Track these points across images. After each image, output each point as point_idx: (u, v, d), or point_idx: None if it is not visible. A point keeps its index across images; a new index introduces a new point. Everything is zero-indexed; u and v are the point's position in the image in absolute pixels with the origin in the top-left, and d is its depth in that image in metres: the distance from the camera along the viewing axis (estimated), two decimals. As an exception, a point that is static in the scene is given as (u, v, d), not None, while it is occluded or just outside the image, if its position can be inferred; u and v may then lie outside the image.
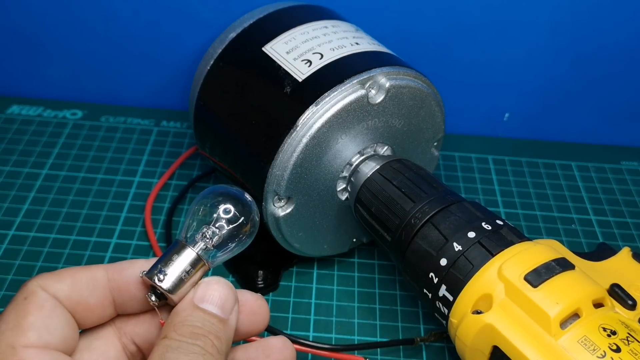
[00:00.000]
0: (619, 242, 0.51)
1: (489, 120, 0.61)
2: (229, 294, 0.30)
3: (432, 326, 0.44)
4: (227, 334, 0.29)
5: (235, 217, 0.31)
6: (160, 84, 0.61)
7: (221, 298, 0.30)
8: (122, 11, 0.57)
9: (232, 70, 0.45)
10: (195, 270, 0.30)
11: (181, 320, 0.29)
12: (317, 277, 0.47)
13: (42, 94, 0.62)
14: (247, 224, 0.32)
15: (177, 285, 0.30)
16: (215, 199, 0.31)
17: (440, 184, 0.40)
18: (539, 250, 0.35)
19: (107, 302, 0.31)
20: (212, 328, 0.29)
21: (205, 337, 0.28)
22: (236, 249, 0.32)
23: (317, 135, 0.40)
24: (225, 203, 0.31)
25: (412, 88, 0.42)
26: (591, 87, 0.59)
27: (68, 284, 0.30)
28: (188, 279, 0.30)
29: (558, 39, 0.56)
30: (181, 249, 0.30)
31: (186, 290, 0.30)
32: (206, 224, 0.31)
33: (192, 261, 0.30)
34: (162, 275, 0.30)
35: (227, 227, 0.31)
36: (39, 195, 0.52)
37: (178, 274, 0.30)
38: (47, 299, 0.29)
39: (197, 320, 0.29)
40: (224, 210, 0.31)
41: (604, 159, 0.59)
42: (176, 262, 0.30)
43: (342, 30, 0.45)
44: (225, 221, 0.31)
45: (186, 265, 0.30)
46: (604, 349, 0.31)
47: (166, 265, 0.30)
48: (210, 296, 0.30)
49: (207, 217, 0.31)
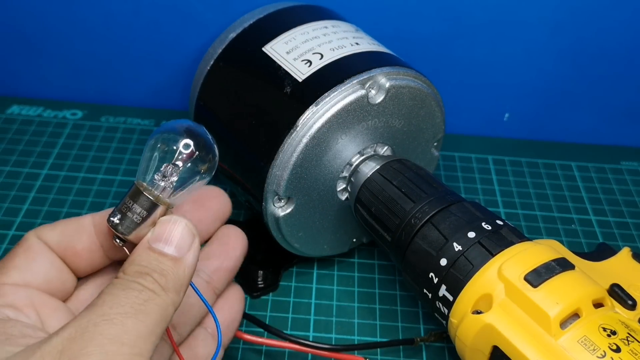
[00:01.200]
0: (619, 242, 0.51)
1: (489, 120, 0.61)
2: (184, 232, 0.30)
3: (432, 326, 0.44)
4: (179, 272, 0.29)
5: (193, 153, 0.30)
6: (160, 84, 0.61)
7: (174, 236, 0.30)
8: (122, 11, 0.57)
9: (232, 70, 0.45)
10: (152, 213, 0.30)
11: (130, 260, 0.29)
12: (317, 277, 0.47)
13: (42, 94, 0.62)
14: (205, 161, 0.31)
15: (132, 229, 0.30)
16: (173, 134, 0.30)
17: (440, 184, 0.40)
18: (539, 250, 0.35)
19: (94, 247, 0.32)
20: (156, 266, 0.29)
21: (147, 275, 0.28)
22: (196, 185, 0.31)
23: (317, 135, 0.40)
24: (183, 138, 0.30)
25: (412, 88, 0.42)
26: (591, 87, 0.59)
27: (58, 231, 0.32)
28: (144, 221, 0.30)
29: (558, 39, 0.56)
30: (137, 190, 0.30)
31: (144, 231, 0.30)
32: (163, 162, 0.30)
33: (148, 205, 0.30)
34: (116, 219, 0.30)
35: (183, 165, 0.30)
36: (39, 196, 0.52)
37: (133, 218, 0.30)
38: (37, 244, 0.31)
39: (143, 260, 0.29)
40: (183, 145, 0.30)
41: (604, 159, 0.59)
42: (132, 206, 0.30)
43: (342, 30, 0.45)
44: (182, 158, 0.30)
45: (140, 210, 0.30)
46: (604, 349, 0.31)
47: (122, 209, 0.30)
48: (162, 235, 0.30)
49: (164, 154, 0.30)
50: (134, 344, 0.26)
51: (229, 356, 0.41)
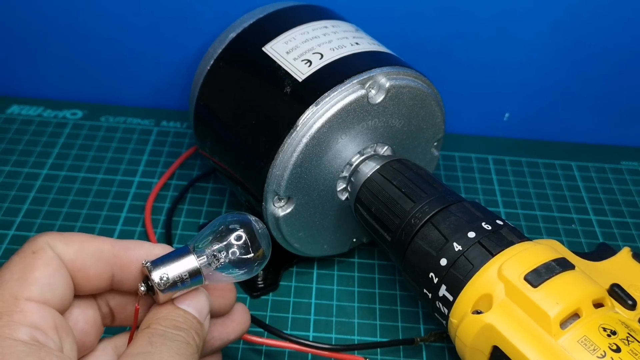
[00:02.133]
0: (619, 242, 0.51)
1: (489, 120, 0.61)
2: (205, 303, 0.32)
3: (432, 326, 0.44)
4: (204, 334, 0.31)
5: (247, 250, 0.32)
6: (160, 84, 0.61)
7: (199, 303, 0.31)
8: (122, 11, 0.57)
9: (232, 70, 0.45)
10: (191, 280, 0.31)
11: (164, 315, 0.30)
12: (317, 277, 0.47)
13: (42, 94, 0.62)
14: (255, 262, 0.32)
15: (169, 288, 0.30)
16: (235, 224, 0.32)
17: (440, 184, 0.40)
18: (539, 250, 0.35)
19: (105, 276, 0.31)
20: (192, 325, 0.31)
21: (187, 330, 0.30)
22: (238, 276, 0.32)
23: (317, 135, 0.40)
24: (244, 233, 0.32)
25: (412, 88, 0.42)
26: (591, 87, 0.59)
27: (75, 249, 0.31)
28: (181, 285, 0.31)
29: (558, 39, 0.56)
30: (187, 255, 0.31)
31: (174, 294, 0.31)
32: (219, 243, 0.31)
33: (192, 271, 0.31)
34: (161, 273, 0.30)
35: (235, 254, 0.32)
36: (39, 195, 0.52)
37: (175, 277, 0.30)
38: (54, 258, 0.30)
39: (179, 317, 0.31)
40: (236, 236, 0.32)
41: (604, 159, 0.59)
42: (178, 265, 0.31)
43: (342, 30, 0.45)
44: (235, 247, 0.32)
45: (185, 273, 0.31)
46: (604, 349, 0.31)
47: (168, 264, 0.31)
48: (190, 300, 0.31)
49: (222, 237, 0.32)
50: None
51: (229, 356, 0.41)
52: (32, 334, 0.27)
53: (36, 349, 0.27)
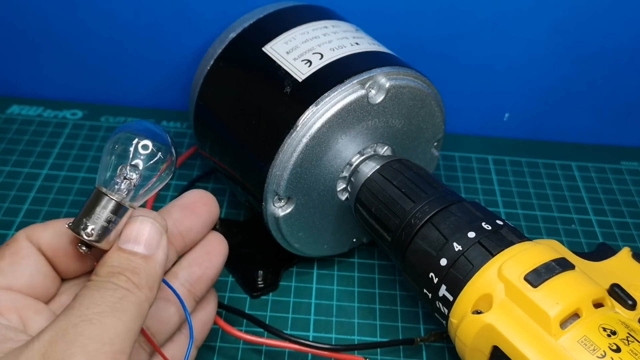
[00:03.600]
0: (619, 242, 0.51)
1: (489, 120, 0.61)
2: (151, 230, 0.30)
3: (432, 326, 0.44)
4: (150, 269, 0.30)
5: (153, 152, 0.30)
6: (160, 84, 0.61)
7: (142, 234, 0.30)
8: (123, 11, 0.57)
9: (232, 70, 0.45)
10: (118, 215, 0.30)
11: (102, 262, 0.30)
12: (317, 277, 0.47)
13: (42, 94, 0.62)
14: (165, 159, 0.31)
15: (102, 235, 0.30)
16: (130, 136, 0.30)
17: (440, 184, 0.40)
18: (539, 250, 0.35)
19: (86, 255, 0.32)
20: (128, 265, 0.29)
21: (119, 274, 0.29)
22: (158, 184, 0.31)
23: (317, 135, 0.40)
24: (140, 139, 0.30)
25: (412, 88, 0.42)
26: (591, 87, 0.59)
27: (50, 232, 0.32)
28: (112, 225, 0.30)
29: (558, 39, 0.56)
30: (100, 195, 0.30)
31: (114, 235, 0.30)
32: (123, 164, 0.30)
33: (113, 208, 0.30)
34: (84, 226, 0.29)
35: (145, 165, 0.30)
36: (39, 196, 0.52)
37: (101, 223, 0.29)
38: (25, 247, 0.31)
39: (114, 260, 0.29)
40: (142, 146, 0.30)
41: (604, 159, 0.59)
42: (97, 210, 0.29)
43: (342, 30, 0.45)
44: (141, 158, 0.30)
45: (107, 213, 0.30)
46: (604, 349, 0.31)
47: (88, 215, 0.29)
48: (130, 235, 0.30)
49: (123, 157, 0.30)
50: (114, 342, 0.26)
51: (229, 356, 0.41)
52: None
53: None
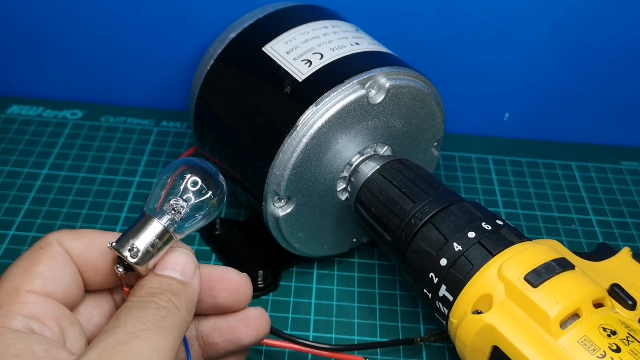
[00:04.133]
0: (619, 242, 0.51)
1: (489, 120, 0.61)
2: (187, 260, 0.31)
3: (432, 326, 0.44)
4: (188, 294, 0.30)
5: (202, 189, 0.31)
6: (160, 84, 0.61)
7: (179, 264, 0.31)
8: (122, 11, 0.57)
9: (232, 70, 0.45)
10: (162, 243, 0.30)
11: (140, 285, 0.30)
12: (317, 277, 0.47)
13: (42, 94, 0.62)
14: (214, 197, 0.32)
15: (144, 258, 0.30)
16: (183, 171, 0.31)
17: (440, 184, 0.40)
18: (539, 250, 0.35)
19: (114, 269, 0.31)
20: (168, 287, 0.30)
21: (161, 294, 0.29)
22: (203, 221, 0.32)
23: (317, 135, 0.40)
24: (193, 175, 0.31)
25: (412, 88, 0.42)
26: (591, 87, 0.59)
27: (83, 243, 0.31)
28: (155, 251, 0.30)
29: (558, 39, 0.56)
30: (148, 221, 0.30)
31: (153, 262, 0.30)
32: (174, 196, 0.31)
33: (159, 234, 0.30)
34: (130, 247, 0.30)
35: (194, 199, 0.31)
36: (39, 196, 0.52)
37: (145, 246, 0.30)
38: (60, 253, 0.30)
39: (154, 283, 0.30)
40: (191, 182, 0.31)
41: (604, 159, 0.59)
42: (143, 234, 0.30)
43: (342, 30, 0.45)
44: (192, 193, 0.31)
45: (153, 238, 0.30)
46: (604, 349, 0.31)
47: (134, 237, 0.30)
48: (168, 263, 0.30)
49: (175, 189, 0.31)
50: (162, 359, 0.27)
51: (229, 356, 0.41)
52: (27, 323, 0.28)
53: (27, 336, 0.27)
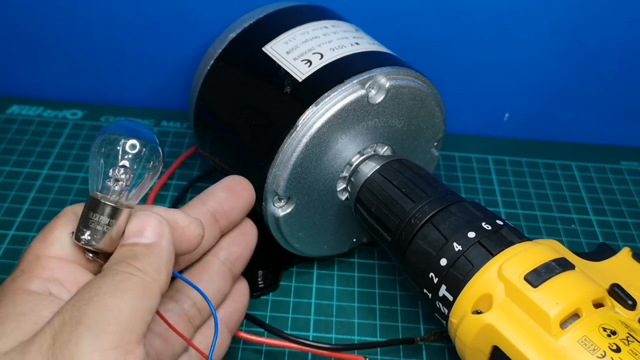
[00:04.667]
0: (619, 242, 0.51)
1: (489, 120, 0.61)
2: (147, 222, 0.30)
3: (432, 326, 0.44)
4: (154, 254, 0.30)
5: (140, 150, 0.30)
6: (160, 84, 0.61)
7: (137, 229, 0.30)
8: (122, 11, 0.57)
9: (232, 70, 0.45)
10: (116, 217, 0.30)
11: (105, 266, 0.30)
12: (317, 277, 0.47)
13: (42, 94, 0.62)
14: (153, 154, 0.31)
15: (100, 238, 0.30)
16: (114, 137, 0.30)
17: (440, 184, 0.40)
18: (539, 250, 0.35)
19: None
20: (129, 253, 0.29)
21: (120, 262, 0.29)
22: (150, 180, 0.31)
23: (317, 135, 0.40)
24: (126, 139, 0.30)
25: (412, 88, 0.42)
26: (591, 87, 0.59)
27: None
28: (112, 227, 0.30)
29: (558, 39, 0.56)
30: (95, 202, 0.30)
31: (117, 236, 0.30)
32: (112, 167, 0.30)
33: (109, 212, 0.30)
34: (86, 235, 0.30)
35: (134, 163, 0.30)
36: (39, 196, 0.52)
37: (101, 227, 0.30)
38: (75, 220, 0.31)
39: (117, 254, 0.30)
40: (129, 146, 0.30)
41: (604, 159, 0.59)
42: (94, 217, 0.30)
43: (342, 30, 0.45)
44: (131, 157, 0.30)
45: (104, 218, 0.30)
46: (604, 349, 0.31)
47: (85, 222, 0.30)
48: (131, 232, 0.30)
49: (111, 159, 0.30)
50: (120, 321, 0.27)
51: (229, 356, 0.41)
52: (46, 285, 0.29)
53: (41, 298, 0.28)
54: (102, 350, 0.26)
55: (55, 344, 0.26)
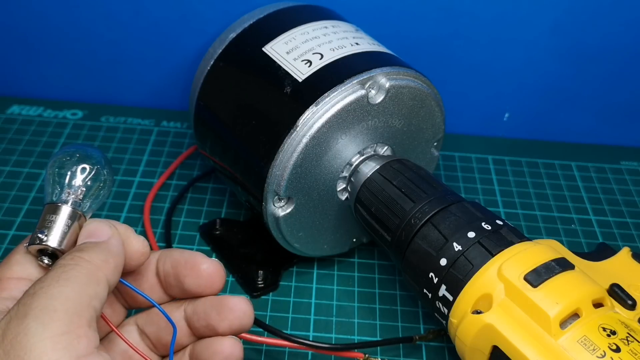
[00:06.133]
0: (618, 242, 0.51)
1: (489, 120, 0.61)
2: (96, 227, 0.32)
3: (431, 326, 0.44)
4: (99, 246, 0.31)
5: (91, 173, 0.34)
6: (160, 84, 0.61)
7: (89, 232, 0.32)
8: (123, 11, 0.57)
9: (232, 70, 0.45)
10: (74, 223, 0.32)
11: None
12: (317, 277, 0.47)
13: (42, 94, 0.62)
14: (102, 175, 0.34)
15: (62, 240, 0.31)
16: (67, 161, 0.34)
17: (440, 184, 0.40)
18: (538, 250, 0.35)
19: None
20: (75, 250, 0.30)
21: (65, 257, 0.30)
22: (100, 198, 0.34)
23: (317, 135, 0.40)
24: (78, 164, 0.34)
25: (412, 88, 0.42)
26: (591, 87, 0.59)
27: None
28: (70, 232, 0.32)
29: (558, 39, 0.56)
30: (55, 209, 0.32)
31: (71, 240, 0.32)
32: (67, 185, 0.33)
33: (70, 215, 0.32)
34: (44, 236, 0.31)
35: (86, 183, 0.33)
36: (39, 196, 0.52)
37: (61, 229, 0.32)
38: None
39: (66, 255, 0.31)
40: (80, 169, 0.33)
41: (604, 159, 0.59)
42: (56, 221, 0.32)
43: (342, 30, 0.45)
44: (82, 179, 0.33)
45: (66, 220, 0.32)
46: (604, 348, 0.31)
47: (46, 226, 0.32)
48: (81, 235, 0.32)
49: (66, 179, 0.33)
50: (67, 307, 0.27)
51: (229, 356, 0.41)
52: (5, 304, 0.30)
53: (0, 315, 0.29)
54: (52, 337, 0.26)
55: (5, 340, 0.26)
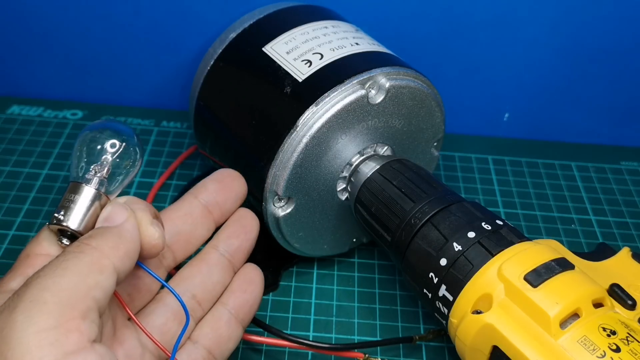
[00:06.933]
0: (618, 242, 0.51)
1: (489, 120, 0.61)
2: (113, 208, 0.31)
3: (431, 326, 0.44)
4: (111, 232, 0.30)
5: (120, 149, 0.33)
6: (160, 84, 0.61)
7: (106, 213, 0.31)
8: (123, 11, 0.57)
9: (232, 70, 0.45)
10: (95, 204, 0.32)
11: None
12: (317, 277, 0.47)
13: (42, 94, 0.62)
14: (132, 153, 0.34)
15: (82, 222, 0.31)
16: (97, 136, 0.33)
17: (440, 184, 0.40)
18: (538, 250, 0.35)
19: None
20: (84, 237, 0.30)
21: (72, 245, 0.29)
22: (127, 178, 0.34)
23: (317, 135, 0.40)
24: (109, 138, 0.33)
25: (412, 88, 0.42)
26: (591, 87, 0.59)
27: None
28: (90, 213, 0.31)
29: (558, 39, 0.56)
30: (77, 188, 0.32)
31: (90, 221, 0.31)
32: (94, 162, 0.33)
33: (92, 197, 0.32)
34: (62, 216, 0.31)
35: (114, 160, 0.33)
36: (39, 196, 0.52)
37: (82, 211, 0.31)
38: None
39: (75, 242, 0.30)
40: (110, 144, 0.33)
41: (603, 159, 0.59)
42: (77, 201, 0.31)
43: (342, 30, 0.45)
44: (111, 155, 0.33)
45: (88, 202, 0.31)
46: (604, 348, 0.31)
47: (65, 206, 0.31)
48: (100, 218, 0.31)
49: (94, 154, 0.33)
50: (58, 299, 0.26)
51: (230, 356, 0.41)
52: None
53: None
54: (37, 332, 0.25)
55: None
